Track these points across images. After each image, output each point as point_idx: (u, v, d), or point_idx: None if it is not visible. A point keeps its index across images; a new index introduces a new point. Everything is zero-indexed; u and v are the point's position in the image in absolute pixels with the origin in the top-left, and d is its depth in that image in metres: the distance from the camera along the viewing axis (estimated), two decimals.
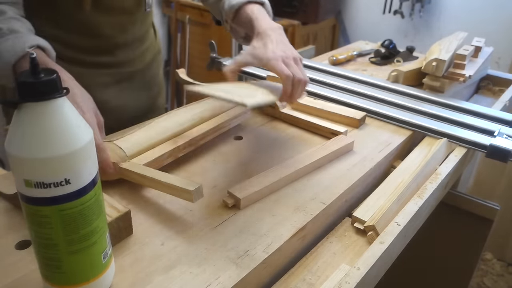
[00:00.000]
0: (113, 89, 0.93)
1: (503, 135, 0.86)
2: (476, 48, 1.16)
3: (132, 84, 0.97)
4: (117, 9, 0.86)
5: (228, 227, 0.60)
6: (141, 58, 0.97)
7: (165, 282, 0.50)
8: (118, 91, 0.94)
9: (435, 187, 0.74)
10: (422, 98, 1.03)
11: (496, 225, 1.24)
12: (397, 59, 1.32)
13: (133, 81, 0.97)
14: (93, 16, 0.84)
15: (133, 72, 0.96)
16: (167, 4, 2.72)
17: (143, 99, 1.01)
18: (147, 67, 0.99)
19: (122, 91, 0.95)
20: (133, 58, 0.94)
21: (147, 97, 1.02)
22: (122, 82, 0.94)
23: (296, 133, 0.88)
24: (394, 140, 0.87)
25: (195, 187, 0.57)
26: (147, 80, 1.00)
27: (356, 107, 0.97)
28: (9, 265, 0.51)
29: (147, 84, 1.01)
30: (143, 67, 0.98)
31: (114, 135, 0.80)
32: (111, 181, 0.66)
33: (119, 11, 0.87)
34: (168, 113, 0.80)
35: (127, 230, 0.57)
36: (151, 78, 1.02)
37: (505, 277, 1.92)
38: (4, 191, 0.62)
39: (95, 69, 0.89)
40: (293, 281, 0.57)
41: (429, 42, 2.03)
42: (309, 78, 1.11)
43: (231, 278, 0.51)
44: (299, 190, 0.69)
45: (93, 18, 0.84)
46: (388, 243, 0.60)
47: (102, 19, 0.85)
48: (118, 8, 0.86)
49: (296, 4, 2.29)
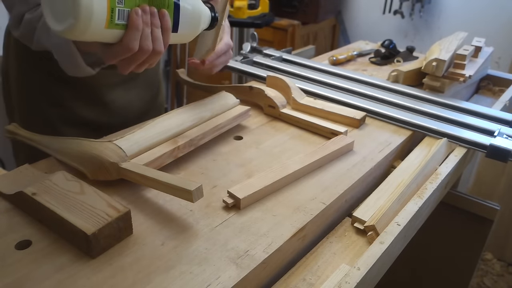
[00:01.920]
0: (120, 88, 0.94)
1: (503, 135, 0.86)
2: (476, 48, 1.16)
3: (136, 83, 0.98)
4: None
5: (228, 227, 0.60)
6: None
7: (165, 282, 0.50)
8: (124, 91, 0.95)
9: (435, 187, 0.74)
10: (422, 98, 1.03)
11: (496, 225, 1.24)
12: (397, 59, 1.32)
13: (137, 80, 0.98)
14: None
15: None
16: None
17: (146, 97, 1.02)
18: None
19: (128, 91, 0.96)
20: None
21: (149, 96, 1.03)
22: (128, 82, 0.95)
23: (296, 133, 0.88)
24: (394, 140, 0.87)
25: (195, 187, 0.57)
26: (149, 78, 1.01)
27: (356, 107, 0.97)
28: (9, 265, 0.51)
29: (149, 83, 1.02)
30: None
31: (114, 135, 0.80)
32: (111, 181, 0.66)
33: None
34: (168, 113, 0.80)
35: (127, 230, 0.57)
36: (152, 77, 1.03)
37: (505, 277, 1.92)
38: (4, 191, 0.62)
39: (104, 69, 0.89)
40: (293, 281, 0.57)
41: (429, 42, 2.03)
42: (309, 78, 1.12)
43: (231, 278, 0.51)
44: (299, 190, 0.69)
45: None
46: (388, 243, 0.60)
47: None
48: None
49: (296, 4, 2.29)
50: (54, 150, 0.72)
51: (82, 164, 0.67)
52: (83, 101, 0.90)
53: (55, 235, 0.56)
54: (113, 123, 0.91)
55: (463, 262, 1.28)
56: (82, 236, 0.52)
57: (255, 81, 1.11)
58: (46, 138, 0.74)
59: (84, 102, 0.90)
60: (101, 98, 0.91)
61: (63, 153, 0.70)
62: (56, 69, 0.85)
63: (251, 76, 1.13)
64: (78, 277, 0.50)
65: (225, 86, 0.97)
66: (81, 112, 0.91)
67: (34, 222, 0.58)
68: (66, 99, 0.89)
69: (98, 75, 0.89)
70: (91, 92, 0.90)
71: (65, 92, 0.89)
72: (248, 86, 0.96)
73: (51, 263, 0.52)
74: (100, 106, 0.92)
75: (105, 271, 0.51)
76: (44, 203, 0.55)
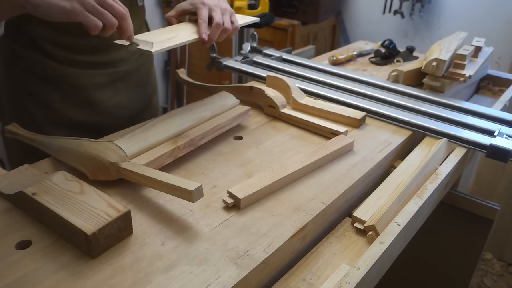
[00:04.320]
0: (108, 89, 0.93)
1: (503, 135, 0.86)
2: (476, 48, 1.16)
3: (127, 84, 0.97)
4: None
5: (228, 227, 0.60)
6: (135, 56, 0.97)
7: (165, 282, 0.50)
8: (113, 91, 0.94)
9: (435, 187, 0.74)
10: (422, 98, 1.03)
11: (496, 225, 1.24)
12: (397, 59, 1.32)
13: (128, 80, 0.97)
14: None
15: (128, 71, 0.96)
16: (167, 4, 2.72)
17: (139, 98, 1.01)
18: (141, 65, 1.00)
19: (118, 91, 0.95)
20: (126, 56, 0.94)
21: (142, 96, 1.02)
22: (117, 82, 0.95)
23: (296, 133, 0.88)
24: (394, 140, 0.87)
25: (195, 187, 0.57)
26: (141, 78, 1.01)
27: (356, 107, 0.97)
28: (9, 265, 0.51)
29: (141, 83, 1.01)
30: (137, 66, 0.98)
31: (114, 135, 0.80)
32: (111, 181, 0.66)
33: None
34: (168, 113, 0.80)
35: (127, 230, 0.57)
36: (145, 77, 1.02)
37: (505, 277, 1.92)
38: (4, 191, 0.62)
39: (90, 69, 0.89)
40: (293, 281, 0.57)
41: (429, 42, 2.03)
42: (309, 78, 1.12)
43: (231, 278, 0.51)
44: (299, 190, 0.69)
45: None
46: (388, 243, 0.60)
47: None
48: None
49: (296, 4, 2.29)
50: (54, 150, 0.72)
51: (82, 164, 0.67)
52: (70, 102, 0.90)
53: (55, 235, 0.56)
54: (103, 124, 0.90)
55: (463, 262, 1.28)
56: (82, 236, 0.52)
57: (255, 81, 1.11)
58: (46, 138, 0.74)
59: (71, 103, 0.90)
60: (88, 99, 0.91)
61: (63, 153, 0.70)
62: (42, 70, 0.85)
63: (251, 76, 1.13)
64: (78, 277, 0.50)
65: (225, 86, 0.97)
66: (68, 113, 0.90)
67: (34, 222, 0.58)
68: (53, 101, 0.89)
69: (84, 75, 0.88)
70: (78, 93, 0.89)
71: (51, 93, 0.88)
72: (248, 86, 0.96)
73: (51, 263, 0.52)
74: (88, 107, 0.91)
75: (105, 271, 0.51)
76: (44, 203, 0.56)
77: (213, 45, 1.17)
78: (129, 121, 0.88)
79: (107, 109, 0.94)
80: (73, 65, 0.87)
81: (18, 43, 0.86)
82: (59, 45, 0.85)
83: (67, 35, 0.85)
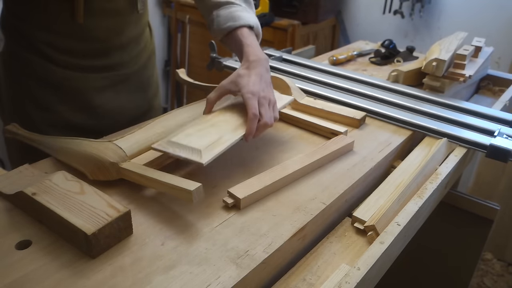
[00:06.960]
0: (109, 92, 0.93)
1: (503, 135, 0.86)
2: (476, 48, 1.16)
3: (128, 87, 0.96)
4: (110, 12, 0.86)
5: (228, 227, 0.60)
6: (136, 60, 0.96)
7: (165, 282, 0.50)
8: (114, 94, 0.94)
9: (435, 187, 0.74)
10: (422, 98, 1.03)
11: (496, 225, 1.24)
12: (397, 59, 1.32)
13: (129, 83, 0.96)
14: (86, 20, 0.83)
15: (129, 74, 0.95)
16: (167, 4, 2.72)
17: (140, 100, 1.00)
18: (142, 68, 0.99)
19: (119, 94, 0.95)
20: (128, 59, 0.94)
21: (143, 99, 1.01)
22: (118, 85, 0.94)
23: (296, 133, 0.88)
24: (394, 140, 0.87)
25: (195, 187, 0.57)
26: (143, 81, 1.00)
27: (356, 107, 0.97)
28: (9, 265, 0.51)
29: (143, 86, 1.00)
30: (138, 69, 0.97)
31: (114, 135, 0.80)
32: (111, 181, 0.66)
33: (112, 13, 0.86)
34: (168, 113, 0.80)
35: (127, 230, 0.57)
36: (146, 79, 1.01)
37: (505, 277, 1.92)
38: (4, 191, 0.62)
39: (91, 73, 0.89)
40: (293, 281, 0.57)
41: (429, 42, 2.03)
42: (309, 78, 1.12)
43: (231, 278, 0.51)
44: (299, 190, 0.69)
45: (87, 22, 0.83)
46: (388, 243, 0.60)
47: (96, 23, 0.85)
48: (111, 11, 0.86)
49: (296, 4, 2.29)
50: (55, 150, 0.72)
51: (82, 164, 0.67)
52: (71, 106, 0.89)
53: (55, 235, 0.56)
54: (104, 127, 0.90)
55: (463, 262, 1.28)
56: (82, 236, 0.52)
57: None
58: (46, 138, 0.74)
59: (71, 107, 0.90)
60: (89, 102, 0.90)
61: (63, 153, 0.70)
62: (43, 74, 0.85)
63: None
64: (78, 277, 0.50)
65: None
66: (69, 117, 0.90)
67: (34, 222, 0.58)
68: (53, 104, 0.88)
69: (84, 79, 0.88)
70: (78, 97, 0.89)
71: (51, 96, 0.88)
72: None
73: (51, 263, 0.52)
74: (88, 110, 0.91)
75: (105, 271, 0.51)
76: (44, 203, 0.55)
77: (213, 45, 1.17)
78: (129, 124, 0.87)
79: (108, 112, 0.93)
80: (73, 68, 0.87)
81: (19, 47, 0.86)
82: (60, 49, 0.85)
83: (68, 39, 0.85)
